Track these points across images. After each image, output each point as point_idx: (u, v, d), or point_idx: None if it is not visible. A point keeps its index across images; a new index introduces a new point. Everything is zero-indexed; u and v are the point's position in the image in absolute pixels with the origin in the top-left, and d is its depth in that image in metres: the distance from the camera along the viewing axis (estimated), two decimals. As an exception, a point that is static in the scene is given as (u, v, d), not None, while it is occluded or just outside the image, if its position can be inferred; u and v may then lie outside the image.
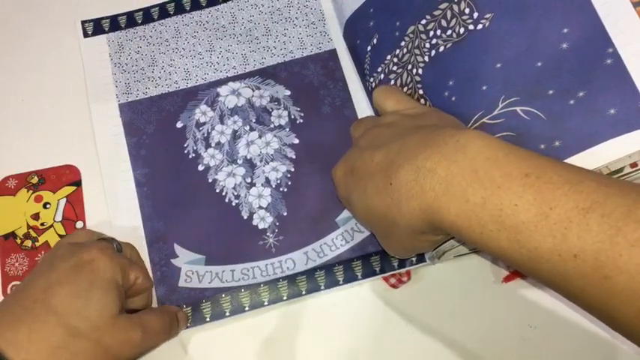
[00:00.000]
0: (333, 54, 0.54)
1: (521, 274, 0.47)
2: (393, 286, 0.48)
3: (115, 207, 0.50)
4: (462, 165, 0.33)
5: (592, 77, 0.38)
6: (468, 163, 0.33)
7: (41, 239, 0.50)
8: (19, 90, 0.54)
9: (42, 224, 0.50)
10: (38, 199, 0.51)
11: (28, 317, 0.37)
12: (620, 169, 0.38)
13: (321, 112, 0.52)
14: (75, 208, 0.51)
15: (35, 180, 0.51)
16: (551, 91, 0.39)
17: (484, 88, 0.41)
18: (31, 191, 0.51)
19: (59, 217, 0.50)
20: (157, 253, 0.49)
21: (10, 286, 0.48)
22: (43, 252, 0.49)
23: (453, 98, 0.43)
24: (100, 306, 0.39)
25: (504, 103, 0.41)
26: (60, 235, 0.50)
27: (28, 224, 0.50)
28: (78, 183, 0.51)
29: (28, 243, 0.50)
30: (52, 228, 0.50)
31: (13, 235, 0.50)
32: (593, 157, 0.38)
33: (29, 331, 0.37)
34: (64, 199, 0.51)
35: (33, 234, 0.50)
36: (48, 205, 0.51)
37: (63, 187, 0.51)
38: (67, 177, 0.51)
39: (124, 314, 0.41)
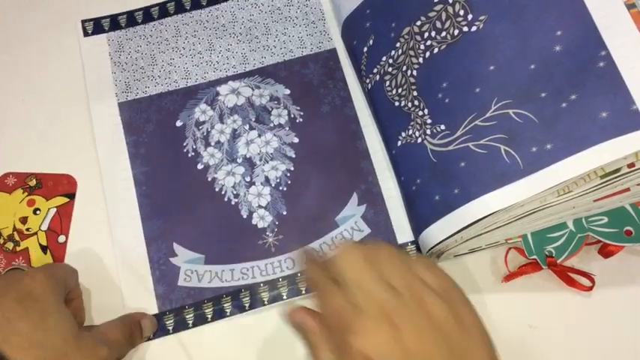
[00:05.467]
0: (333, 53, 0.57)
1: (522, 273, 0.50)
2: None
3: (114, 206, 0.53)
4: None
5: (584, 80, 0.41)
6: None
7: (22, 245, 0.52)
8: (19, 90, 0.57)
9: (27, 229, 0.53)
10: (30, 203, 0.53)
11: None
12: (617, 170, 0.41)
13: (320, 111, 0.55)
14: (62, 220, 0.53)
15: (33, 182, 0.54)
16: (543, 94, 0.42)
17: (477, 90, 0.44)
18: (26, 193, 0.53)
19: (45, 226, 0.53)
20: (156, 252, 0.52)
21: None
22: (20, 258, 0.52)
23: (447, 100, 0.46)
24: (59, 330, 0.41)
25: (497, 106, 0.43)
26: (41, 246, 0.52)
27: (14, 226, 0.53)
28: (72, 196, 0.54)
29: (10, 245, 0.52)
30: (35, 236, 0.52)
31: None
32: (584, 161, 0.40)
33: None
34: (55, 209, 0.53)
35: (17, 237, 0.52)
36: (38, 212, 0.53)
37: (56, 197, 0.54)
38: (64, 187, 0.54)
39: (84, 332, 0.43)
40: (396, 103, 0.50)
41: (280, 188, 0.53)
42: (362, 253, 0.38)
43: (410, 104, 0.49)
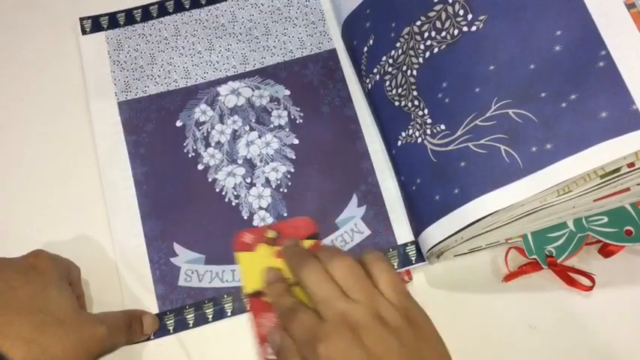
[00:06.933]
0: (332, 54, 0.58)
1: (522, 273, 0.50)
2: (395, 285, 0.51)
3: (114, 205, 0.53)
4: None
5: (584, 80, 0.41)
6: None
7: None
8: (18, 89, 0.57)
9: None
10: (279, 255, 0.51)
11: None
12: (617, 170, 0.41)
13: (320, 111, 0.56)
14: None
15: (271, 234, 0.52)
16: (543, 94, 0.42)
17: (477, 90, 0.45)
18: (270, 246, 0.51)
19: None
20: (156, 252, 0.52)
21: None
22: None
23: (447, 100, 0.47)
24: (60, 302, 0.42)
25: (497, 105, 0.44)
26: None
27: None
28: (315, 236, 0.52)
29: None
30: (298, 285, 0.48)
31: (261, 293, 0.50)
32: (584, 160, 0.40)
33: (1, 328, 0.39)
34: None
35: None
36: None
37: (302, 242, 0.52)
38: (305, 230, 0.52)
39: (85, 310, 0.44)
40: (396, 103, 0.51)
41: (281, 190, 0.54)
42: (321, 268, 0.44)
43: (410, 104, 0.49)
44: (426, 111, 0.48)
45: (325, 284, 0.43)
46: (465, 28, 0.46)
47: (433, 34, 0.47)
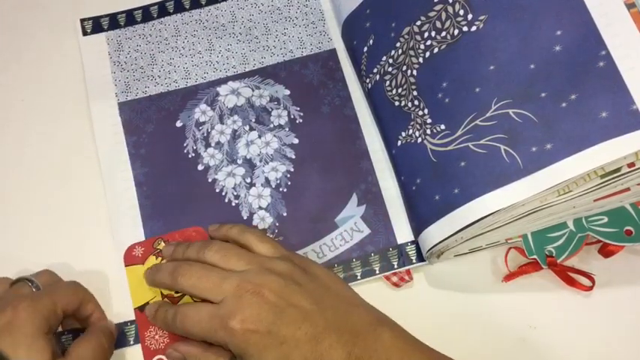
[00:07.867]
0: (332, 53, 0.57)
1: (522, 273, 0.50)
2: (396, 284, 0.51)
3: (114, 206, 0.53)
4: (380, 354, 0.40)
5: (584, 80, 0.41)
6: (385, 353, 0.40)
7: None
8: (18, 90, 0.57)
9: (176, 292, 0.49)
10: None
11: None
12: (617, 170, 0.41)
13: (320, 111, 0.56)
14: None
15: (162, 246, 0.51)
16: (543, 94, 0.42)
17: (477, 90, 0.45)
18: (160, 258, 0.51)
19: None
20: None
21: None
22: None
23: (447, 100, 0.46)
24: None
25: (497, 105, 0.44)
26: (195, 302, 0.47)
27: (162, 293, 0.50)
28: None
29: None
30: (186, 296, 0.49)
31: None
32: (584, 160, 0.40)
33: None
34: None
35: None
36: None
37: None
38: (196, 240, 0.51)
39: None
40: (396, 103, 0.51)
41: (280, 189, 0.54)
42: (195, 266, 0.44)
43: (410, 104, 0.49)
44: (426, 111, 0.48)
45: (206, 276, 0.43)
46: (465, 28, 0.45)
47: (433, 34, 0.47)
